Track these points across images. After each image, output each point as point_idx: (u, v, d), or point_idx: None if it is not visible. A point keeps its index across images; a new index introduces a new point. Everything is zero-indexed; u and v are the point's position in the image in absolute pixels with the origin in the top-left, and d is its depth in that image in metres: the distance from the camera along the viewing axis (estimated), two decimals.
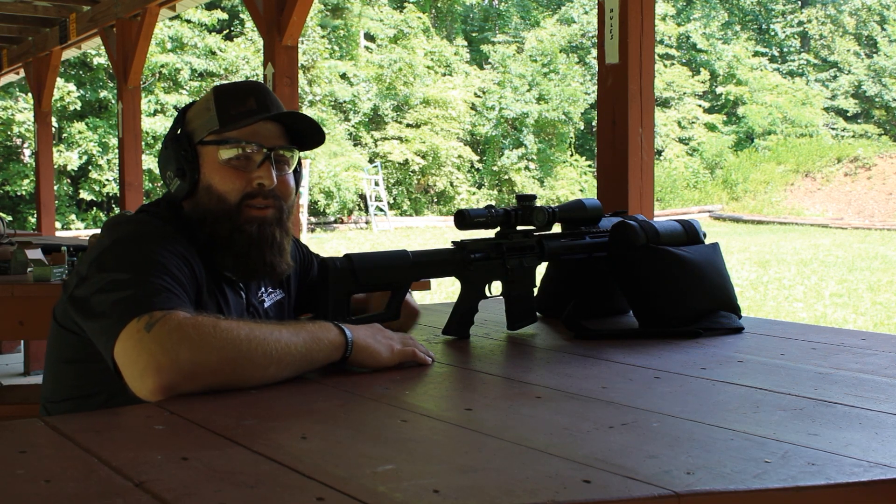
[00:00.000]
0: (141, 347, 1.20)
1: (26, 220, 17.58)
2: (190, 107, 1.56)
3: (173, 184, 1.51)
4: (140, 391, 1.20)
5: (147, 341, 1.20)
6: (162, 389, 1.18)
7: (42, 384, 1.50)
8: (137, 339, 1.21)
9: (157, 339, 1.19)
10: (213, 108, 1.49)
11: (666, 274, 1.74)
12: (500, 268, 1.70)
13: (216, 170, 1.48)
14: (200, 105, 1.54)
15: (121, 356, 1.23)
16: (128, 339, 1.22)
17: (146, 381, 1.18)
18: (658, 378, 1.33)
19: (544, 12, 27.83)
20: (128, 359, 1.21)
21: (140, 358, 1.19)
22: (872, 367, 1.42)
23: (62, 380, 1.45)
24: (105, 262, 1.35)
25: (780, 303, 8.66)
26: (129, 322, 1.23)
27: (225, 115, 1.48)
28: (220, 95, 1.51)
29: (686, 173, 24.27)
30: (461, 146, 23.48)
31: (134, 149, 6.28)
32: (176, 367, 1.18)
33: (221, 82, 1.58)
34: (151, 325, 1.21)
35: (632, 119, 2.56)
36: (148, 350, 1.19)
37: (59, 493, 0.82)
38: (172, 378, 1.18)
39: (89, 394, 1.40)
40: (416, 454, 0.96)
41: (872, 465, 0.92)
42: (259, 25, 4.60)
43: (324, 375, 1.33)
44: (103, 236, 1.43)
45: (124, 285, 1.29)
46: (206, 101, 1.52)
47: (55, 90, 12.35)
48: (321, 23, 22.48)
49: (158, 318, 1.22)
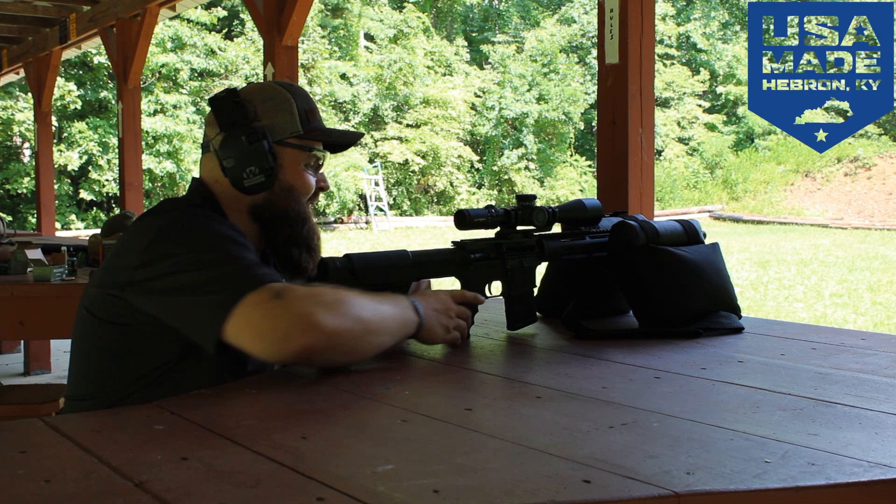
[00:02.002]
0: (279, 314, 1.25)
1: (26, 220, 17.59)
2: (236, 93, 1.54)
3: (251, 179, 1.51)
4: (281, 354, 1.26)
5: (283, 308, 1.25)
6: (306, 350, 1.25)
7: (70, 382, 1.49)
8: (271, 307, 1.26)
9: (292, 306, 1.25)
10: (295, 111, 1.55)
11: (666, 274, 1.74)
12: (500, 268, 1.70)
13: (298, 173, 1.56)
14: (274, 102, 1.55)
15: (247, 326, 1.27)
16: (255, 309, 1.27)
17: (291, 343, 1.24)
18: (658, 378, 1.33)
19: (544, 12, 27.82)
20: (263, 326, 1.26)
21: (280, 322, 1.25)
22: (872, 367, 1.42)
23: (99, 374, 1.43)
24: (178, 244, 1.37)
25: (780, 303, 8.66)
26: (245, 294, 1.28)
27: (306, 121, 1.56)
28: (296, 98, 1.57)
29: (686, 173, 24.27)
30: (461, 146, 23.48)
31: (134, 149, 6.28)
32: (319, 329, 1.25)
33: (282, 80, 1.58)
34: (280, 295, 1.27)
35: (632, 119, 2.56)
36: (288, 315, 1.25)
37: (59, 493, 0.82)
38: (317, 339, 1.25)
39: (127, 383, 1.39)
40: (416, 454, 0.96)
41: (872, 465, 0.92)
42: (259, 25, 4.60)
43: (324, 375, 1.33)
44: (151, 222, 1.43)
45: (217, 262, 1.33)
46: (283, 101, 1.55)
47: (56, 89, 12.37)
48: (321, 23, 22.49)
49: (281, 289, 1.28)
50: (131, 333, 1.40)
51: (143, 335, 1.39)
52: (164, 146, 19.04)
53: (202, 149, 1.61)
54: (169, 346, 1.39)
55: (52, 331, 3.52)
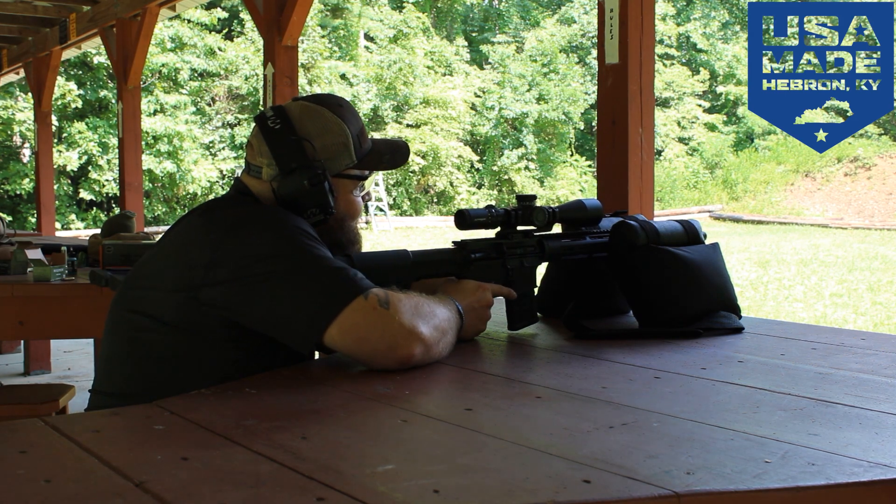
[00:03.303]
0: (386, 323, 1.30)
1: (26, 220, 17.58)
2: (292, 128, 1.50)
3: (311, 218, 1.50)
4: (385, 361, 1.32)
5: (391, 318, 1.30)
6: (411, 359, 1.32)
7: (104, 377, 1.46)
8: (379, 316, 1.30)
9: (399, 316, 1.31)
10: (350, 142, 1.55)
11: (666, 274, 1.74)
12: (500, 268, 1.70)
13: (350, 202, 1.59)
14: (331, 136, 1.53)
15: (353, 331, 1.30)
16: (363, 316, 1.30)
17: (398, 353, 1.31)
18: (658, 378, 1.33)
19: (544, 12, 27.82)
20: (370, 333, 1.30)
21: (388, 331, 1.30)
22: (872, 367, 1.42)
23: (145, 376, 1.40)
24: (262, 245, 1.35)
25: (780, 303, 8.66)
26: (350, 301, 1.30)
27: (359, 147, 1.57)
28: (349, 123, 1.56)
29: (686, 173, 24.26)
30: (461, 146, 23.47)
31: (134, 149, 6.28)
32: (422, 340, 1.32)
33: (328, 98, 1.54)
34: (385, 303, 1.31)
35: (632, 119, 2.56)
36: (396, 325, 1.30)
37: (59, 493, 0.82)
38: (420, 350, 1.32)
39: (182, 389, 1.36)
40: (416, 454, 0.96)
41: (872, 465, 0.92)
42: (259, 25, 4.60)
43: (324, 375, 1.33)
44: (220, 217, 1.40)
45: (311, 263, 1.34)
46: (339, 133, 1.54)
47: (56, 89, 12.36)
48: (321, 23, 22.48)
49: (385, 297, 1.32)
50: (193, 339, 1.37)
51: (203, 341, 1.36)
52: (164, 146, 19.04)
53: (248, 169, 1.55)
54: (229, 357, 1.37)
55: (52, 331, 3.52)
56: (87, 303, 3.08)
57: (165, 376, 1.38)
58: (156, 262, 1.46)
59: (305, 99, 1.59)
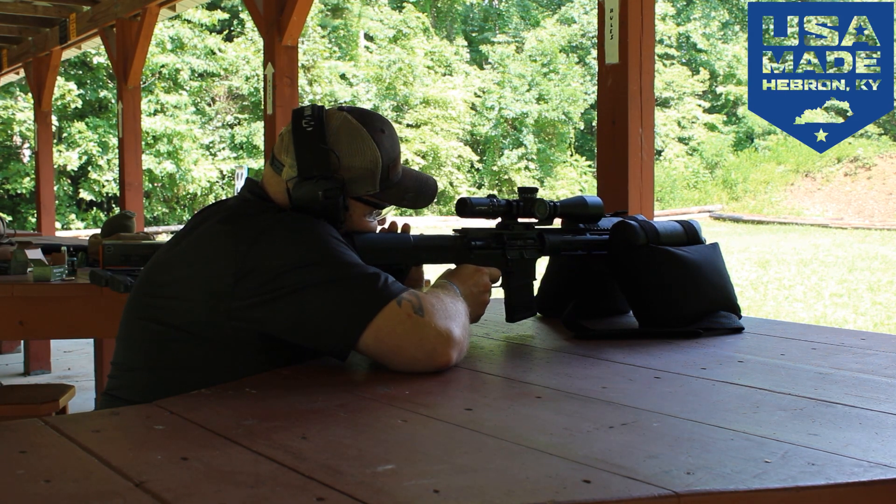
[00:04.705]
0: (423, 330, 1.31)
1: (26, 220, 17.58)
2: (323, 134, 1.47)
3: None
4: (424, 367, 1.32)
5: (426, 325, 1.31)
6: (447, 363, 1.33)
7: (126, 386, 1.43)
8: (415, 323, 1.31)
9: (435, 323, 1.32)
10: (378, 172, 1.51)
11: (666, 274, 1.74)
12: (500, 258, 1.70)
13: (362, 223, 1.56)
14: (361, 158, 1.49)
15: (389, 338, 1.31)
16: (398, 323, 1.30)
17: (436, 359, 1.32)
18: (658, 378, 1.34)
19: (544, 12, 27.82)
20: (406, 340, 1.31)
21: (425, 338, 1.31)
22: (872, 367, 1.42)
23: (172, 384, 1.36)
24: (292, 255, 1.34)
25: (780, 303, 8.67)
26: (383, 307, 1.31)
27: (385, 178, 1.53)
28: (384, 151, 1.52)
29: (686, 173, 24.26)
30: (461, 146, 23.48)
31: (134, 149, 6.28)
32: (457, 345, 1.34)
33: (372, 118, 1.57)
34: (419, 309, 1.32)
35: (632, 119, 2.56)
36: (433, 332, 1.31)
37: (59, 493, 0.82)
38: (456, 354, 1.34)
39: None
40: (416, 454, 0.96)
41: (872, 465, 0.92)
42: (259, 25, 4.60)
43: (324, 375, 1.33)
44: (242, 226, 1.38)
45: (345, 274, 1.33)
46: (371, 160, 1.50)
47: (56, 89, 12.36)
48: (321, 23, 22.48)
49: (418, 303, 1.33)
50: (224, 349, 1.35)
51: (235, 351, 1.35)
52: (164, 146, 19.05)
53: (271, 163, 1.53)
54: (262, 366, 1.36)
55: (52, 331, 3.51)
56: (87, 303, 3.08)
57: (195, 384, 1.35)
58: (176, 270, 1.42)
59: (351, 112, 1.54)
